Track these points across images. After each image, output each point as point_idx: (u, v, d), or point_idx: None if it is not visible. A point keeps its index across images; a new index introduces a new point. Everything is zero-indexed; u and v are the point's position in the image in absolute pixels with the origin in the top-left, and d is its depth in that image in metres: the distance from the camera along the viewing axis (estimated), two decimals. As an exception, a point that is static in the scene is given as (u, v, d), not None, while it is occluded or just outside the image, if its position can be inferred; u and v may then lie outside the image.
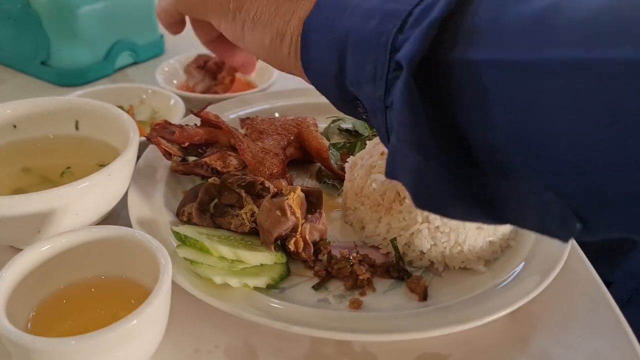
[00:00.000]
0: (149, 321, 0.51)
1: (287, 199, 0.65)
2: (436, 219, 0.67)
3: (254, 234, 0.69)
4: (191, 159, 0.80)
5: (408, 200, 0.68)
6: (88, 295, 0.59)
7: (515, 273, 0.66)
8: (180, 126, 0.79)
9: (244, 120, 0.88)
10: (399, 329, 0.57)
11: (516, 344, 0.62)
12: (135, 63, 1.22)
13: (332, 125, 0.94)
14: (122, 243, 0.58)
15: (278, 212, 0.65)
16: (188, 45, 1.21)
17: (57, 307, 0.57)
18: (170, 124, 0.78)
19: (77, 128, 0.80)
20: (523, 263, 0.67)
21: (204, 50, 0.87)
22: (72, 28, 1.06)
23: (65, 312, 0.57)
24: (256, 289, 0.62)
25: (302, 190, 0.70)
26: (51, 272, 0.57)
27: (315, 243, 0.68)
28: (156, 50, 1.24)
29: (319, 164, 0.87)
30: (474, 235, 0.67)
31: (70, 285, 0.58)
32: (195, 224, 0.71)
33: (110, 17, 1.12)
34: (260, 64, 1.12)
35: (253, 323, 0.58)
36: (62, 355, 0.47)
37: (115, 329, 0.48)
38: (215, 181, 0.71)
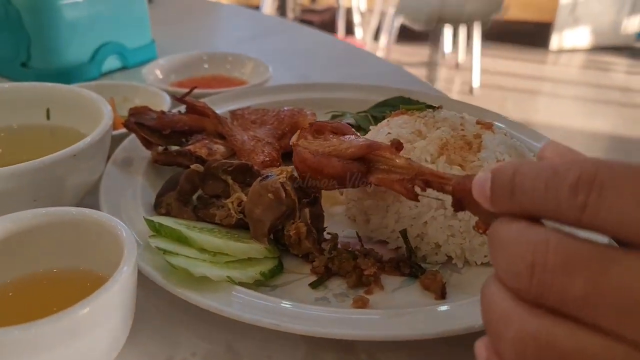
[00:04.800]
0: (106, 313, 0.42)
1: (279, 179, 0.56)
2: (453, 204, 0.57)
3: (241, 227, 0.60)
4: (173, 148, 0.71)
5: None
6: (40, 290, 0.49)
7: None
8: (162, 112, 0.70)
9: (234, 112, 0.80)
10: (414, 328, 0.47)
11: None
12: (124, 68, 1.15)
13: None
14: (79, 227, 0.49)
15: (270, 195, 0.56)
16: (181, 50, 1.14)
17: (2, 304, 0.47)
18: (150, 109, 0.70)
19: (48, 117, 0.72)
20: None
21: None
22: (54, 25, 0.99)
23: (11, 310, 0.47)
24: (242, 284, 0.52)
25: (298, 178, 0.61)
26: (-5, 261, 0.47)
27: (317, 231, 0.58)
28: (147, 55, 1.17)
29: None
30: (498, 224, 0.57)
31: (18, 278, 0.49)
32: (175, 217, 0.61)
33: (97, 16, 1.05)
34: (254, 62, 1.05)
35: (237, 324, 0.49)
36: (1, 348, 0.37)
37: (64, 317, 0.39)
38: (198, 168, 0.62)
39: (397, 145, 0.53)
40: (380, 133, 0.64)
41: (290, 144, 0.60)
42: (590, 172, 0.26)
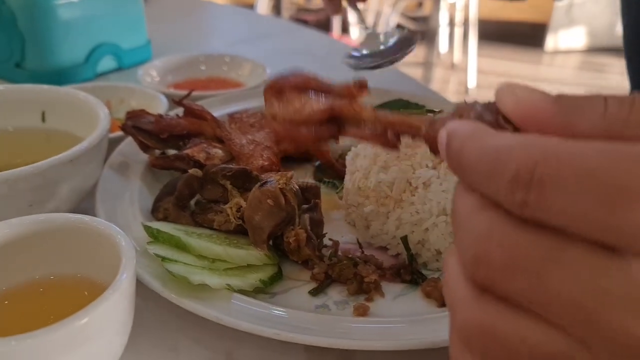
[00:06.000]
0: (105, 322, 0.41)
1: (279, 185, 0.55)
2: (454, 211, 0.57)
3: (240, 233, 0.59)
4: (171, 152, 0.70)
5: (421, 190, 0.58)
6: (36, 298, 0.48)
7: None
8: (159, 115, 0.69)
9: (232, 116, 0.79)
10: (417, 336, 0.47)
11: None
12: (119, 69, 1.14)
13: (331, 123, 0.85)
14: (76, 234, 0.48)
15: (270, 202, 0.55)
16: (176, 51, 1.13)
17: (-3, 313, 0.46)
18: (147, 113, 0.69)
19: (43, 120, 0.71)
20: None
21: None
22: (49, 25, 0.98)
23: (7, 318, 0.46)
24: (241, 292, 0.52)
25: (296, 184, 0.60)
26: (-10, 269, 0.47)
27: (316, 237, 0.57)
28: (142, 56, 1.16)
29: (316, 163, 0.77)
30: (499, 231, 0.57)
31: (14, 286, 0.48)
32: (172, 222, 0.61)
33: (91, 16, 1.04)
34: (251, 63, 1.05)
35: (236, 332, 0.48)
36: (-3, 358, 0.37)
37: (62, 327, 0.38)
38: (196, 172, 0.61)
39: (361, 85, 0.49)
40: (380, 138, 0.64)
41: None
42: (529, 166, 0.24)
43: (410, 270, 0.57)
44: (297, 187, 0.59)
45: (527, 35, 5.13)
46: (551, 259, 0.24)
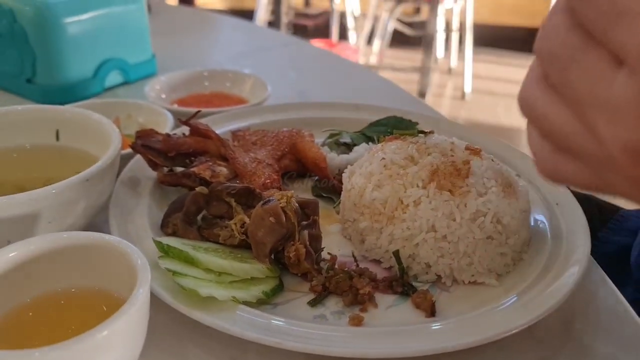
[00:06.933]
0: (123, 334, 0.45)
1: (280, 204, 0.60)
2: (442, 228, 0.61)
3: (243, 247, 0.64)
4: (178, 170, 0.74)
5: (412, 208, 0.63)
6: (58, 309, 0.52)
7: (530, 287, 0.60)
8: (167, 135, 0.74)
9: (235, 133, 0.83)
10: (407, 345, 0.51)
11: (535, 363, 0.55)
12: (125, 83, 1.18)
13: (329, 139, 0.89)
14: (95, 251, 0.52)
15: (272, 219, 0.59)
16: (180, 66, 1.18)
17: (23, 322, 0.51)
18: (156, 132, 0.74)
19: (57, 138, 0.75)
20: (537, 276, 0.61)
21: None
22: (58, 42, 1.03)
23: (31, 328, 0.51)
24: (246, 303, 0.56)
25: (296, 202, 0.64)
26: (16, 282, 0.51)
27: (315, 251, 0.62)
28: (148, 70, 1.21)
29: (314, 178, 0.82)
30: (484, 246, 0.62)
31: (37, 298, 0.52)
32: (180, 237, 0.65)
33: (99, 33, 1.08)
34: (253, 79, 1.09)
35: (242, 341, 0.52)
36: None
37: (83, 340, 0.42)
38: (202, 190, 0.66)
39: None
40: (375, 158, 0.68)
41: None
42: None
43: (402, 283, 0.61)
44: (297, 204, 0.64)
45: (524, 40, 5.17)
46: (576, 58, 0.31)
